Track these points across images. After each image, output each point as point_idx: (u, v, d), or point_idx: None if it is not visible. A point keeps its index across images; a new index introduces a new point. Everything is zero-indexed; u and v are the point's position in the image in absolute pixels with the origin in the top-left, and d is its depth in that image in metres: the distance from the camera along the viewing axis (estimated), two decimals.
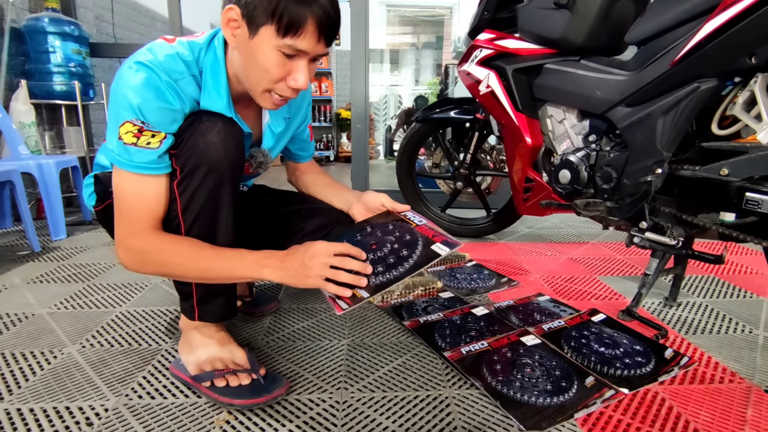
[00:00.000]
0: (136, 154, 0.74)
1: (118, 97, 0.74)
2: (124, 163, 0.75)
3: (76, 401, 0.83)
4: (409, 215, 0.89)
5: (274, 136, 0.95)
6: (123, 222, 0.78)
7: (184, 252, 0.78)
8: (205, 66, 0.80)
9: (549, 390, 0.84)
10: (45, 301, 1.26)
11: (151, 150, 0.75)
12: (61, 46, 2.18)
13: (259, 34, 0.71)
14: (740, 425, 0.77)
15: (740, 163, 0.92)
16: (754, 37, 0.87)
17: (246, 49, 0.74)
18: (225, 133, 0.78)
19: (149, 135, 0.74)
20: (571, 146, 1.30)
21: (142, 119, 0.73)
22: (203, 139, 0.76)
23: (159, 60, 0.75)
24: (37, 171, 1.83)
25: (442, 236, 0.82)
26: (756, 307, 1.25)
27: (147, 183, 0.77)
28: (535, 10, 1.32)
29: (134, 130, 0.73)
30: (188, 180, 0.78)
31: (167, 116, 0.76)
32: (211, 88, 0.80)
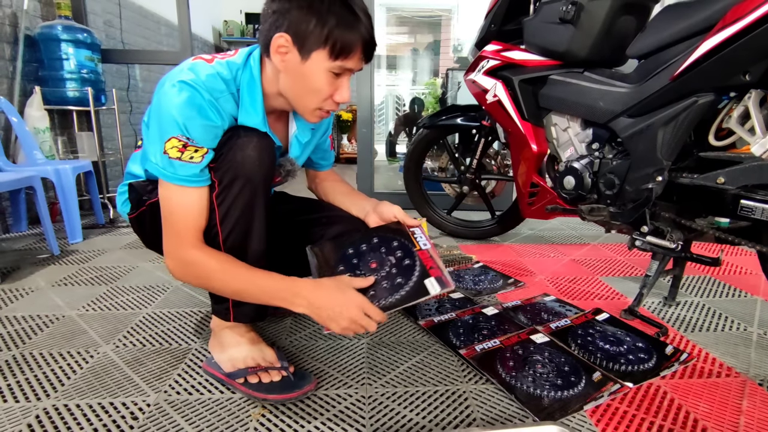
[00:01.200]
0: (180, 167, 0.80)
1: (162, 113, 0.80)
2: (170, 176, 0.81)
3: (118, 397, 0.88)
4: (416, 233, 0.91)
5: (300, 145, 1.01)
6: (171, 234, 0.84)
7: (223, 273, 0.83)
8: (242, 83, 0.86)
9: (559, 384, 0.91)
10: (72, 303, 1.32)
11: (194, 164, 0.81)
12: (74, 53, 2.23)
13: (311, 58, 0.80)
14: (736, 415, 0.84)
15: (735, 172, 0.99)
16: (748, 56, 0.93)
17: (297, 72, 0.82)
18: (260, 147, 0.85)
19: (192, 150, 0.80)
20: (575, 154, 1.37)
21: (187, 135, 0.79)
22: (241, 154, 0.83)
23: (201, 79, 0.80)
24: (54, 176, 1.88)
25: (438, 270, 0.83)
26: (750, 306, 1.32)
27: (191, 195, 0.83)
28: (541, 24, 1.38)
29: (179, 146, 0.79)
30: (226, 192, 0.84)
31: (209, 133, 0.82)
32: (248, 104, 0.86)
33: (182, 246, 0.83)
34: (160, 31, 3.77)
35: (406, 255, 0.88)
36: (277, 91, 0.87)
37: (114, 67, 2.90)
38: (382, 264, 0.87)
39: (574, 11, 1.28)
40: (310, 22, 0.77)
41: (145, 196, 0.98)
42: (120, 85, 2.92)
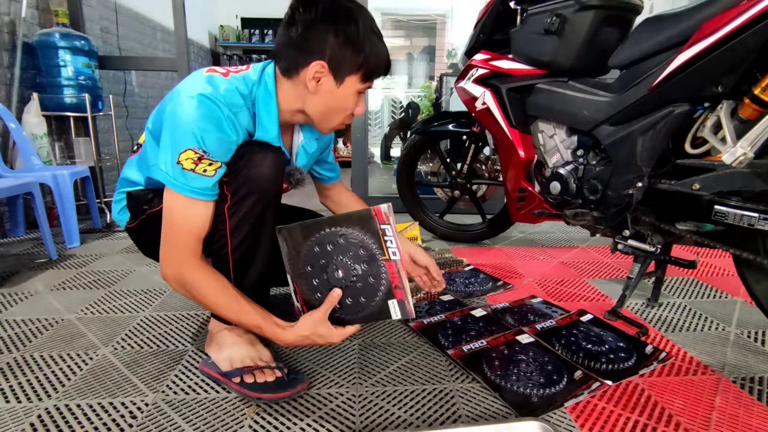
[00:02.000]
0: (193, 179, 0.83)
1: (179, 124, 0.81)
2: (180, 186, 0.83)
3: (117, 397, 0.92)
4: (388, 233, 0.83)
5: (307, 155, 1.07)
6: (170, 243, 0.86)
7: (214, 297, 0.87)
8: (257, 99, 0.90)
9: (542, 382, 0.95)
10: (71, 307, 1.35)
11: (207, 177, 0.84)
12: (71, 60, 2.26)
13: (345, 82, 0.88)
14: (709, 411, 0.88)
15: (709, 179, 1.03)
16: (720, 69, 0.98)
17: (330, 95, 0.89)
18: (274, 164, 0.89)
19: (207, 163, 0.83)
20: (560, 160, 1.42)
21: (203, 149, 0.82)
22: (256, 170, 0.86)
23: (221, 94, 0.83)
24: (52, 182, 1.90)
25: (402, 292, 0.82)
26: (730, 307, 1.37)
27: (197, 207, 0.85)
28: (527, 34, 1.43)
29: (194, 158, 0.82)
30: (239, 205, 0.87)
31: (224, 147, 0.85)
32: (265, 119, 0.91)
33: (180, 258, 0.86)
34: (156, 36, 3.81)
35: (372, 268, 0.83)
36: (295, 108, 0.93)
37: (110, 73, 2.93)
38: (348, 274, 0.85)
39: (558, 23, 1.33)
40: (346, 51, 0.85)
41: (145, 206, 1.01)
42: (116, 91, 2.96)
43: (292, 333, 0.86)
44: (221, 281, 0.88)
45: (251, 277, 0.95)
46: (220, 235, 0.89)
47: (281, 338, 0.87)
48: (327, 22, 0.84)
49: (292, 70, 0.88)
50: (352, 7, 0.86)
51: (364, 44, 0.85)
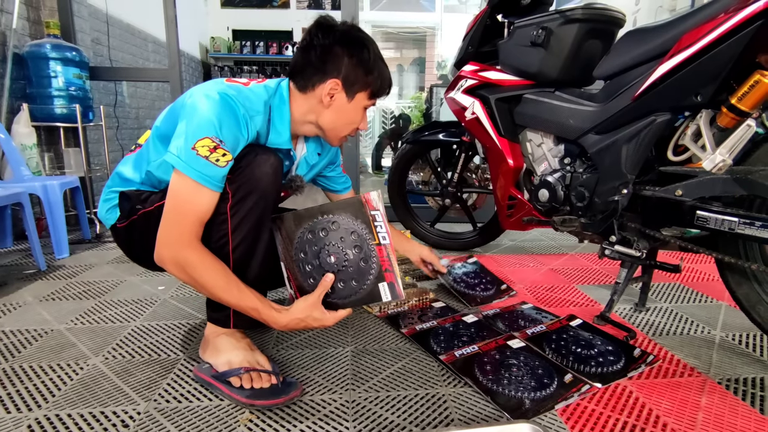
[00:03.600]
0: (206, 167, 0.86)
1: (199, 115, 0.86)
2: (192, 170, 0.85)
3: (108, 407, 0.91)
4: (377, 218, 0.89)
5: (308, 166, 1.16)
6: (173, 224, 0.88)
7: (215, 279, 0.89)
8: (273, 106, 0.98)
9: (533, 386, 0.96)
10: (60, 318, 1.33)
11: (219, 167, 0.87)
12: (62, 71, 2.26)
13: (355, 98, 1.00)
14: (695, 411, 0.90)
15: (691, 185, 1.07)
16: (698, 79, 1.02)
17: (342, 109, 1.00)
18: (276, 166, 0.94)
19: (221, 153, 0.87)
20: (548, 168, 1.45)
21: (220, 138, 0.87)
22: (258, 170, 0.91)
23: (242, 97, 0.92)
24: (42, 192, 1.89)
25: (392, 275, 0.87)
26: (715, 311, 1.40)
27: (204, 195, 0.88)
28: (514, 46, 1.47)
29: (211, 146, 0.86)
30: (240, 204, 0.91)
31: (237, 141, 0.90)
32: (279, 124, 1.00)
33: (182, 240, 0.87)
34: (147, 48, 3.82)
35: (364, 251, 0.89)
36: (307, 119, 1.02)
37: (101, 84, 2.93)
38: (340, 259, 0.90)
39: (544, 35, 1.37)
40: (358, 72, 0.97)
41: (138, 205, 1.01)
42: (107, 102, 2.95)
43: (288, 315, 0.91)
44: (221, 264, 0.90)
45: (251, 276, 0.96)
46: (222, 234, 0.91)
47: (277, 320, 0.91)
48: (343, 46, 0.96)
49: (308, 86, 0.99)
50: (363, 36, 0.99)
51: (374, 67, 0.99)
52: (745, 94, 0.92)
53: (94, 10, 2.92)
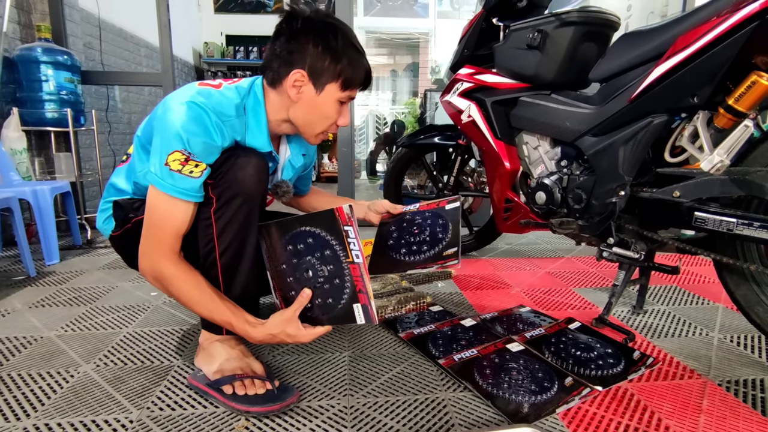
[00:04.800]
0: (180, 180, 0.86)
1: (168, 128, 0.85)
2: (167, 186, 0.85)
3: (100, 415, 0.89)
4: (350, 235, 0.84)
5: (293, 169, 1.11)
6: (150, 238, 0.89)
7: (187, 292, 0.89)
8: (247, 107, 0.94)
9: (533, 390, 0.95)
10: (50, 324, 1.30)
11: (193, 179, 0.86)
12: (53, 74, 2.24)
13: (325, 90, 0.92)
14: (697, 413, 0.89)
15: (689, 186, 1.07)
16: (695, 81, 1.02)
17: (311, 103, 0.93)
18: (259, 168, 0.91)
19: (193, 164, 0.86)
20: (545, 170, 1.44)
21: (189, 150, 0.85)
22: (241, 173, 0.88)
23: (212, 104, 0.87)
24: (32, 197, 1.86)
25: (365, 296, 0.83)
26: (712, 313, 1.40)
27: (180, 206, 0.88)
28: (510, 49, 1.47)
29: (181, 159, 0.85)
30: (224, 208, 0.89)
31: (209, 150, 0.88)
32: (254, 126, 0.95)
33: (158, 254, 0.88)
34: (140, 52, 3.79)
35: (337, 270, 0.86)
36: (280, 118, 0.97)
37: (93, 88, 2.91)
38: (315, 275, 0.89)
39: (540, 38, 1.37)
40: (325, 61, 0.90)
41: (131, 214, 1.01)
42: (99, 106, 2.92)
43: (262, 330, 0.88)
44: (196, 278, 0.90)
45: (240, 281, 0.95)
46: (208, 240, 0.90)
47: (251, 335, 0.89)
48: (308, 33, 0.89)
49: (277, 80, 0.93)
50: (332, 21, 0.92)
51: (342, 54, 0.90)
52: (742, 95, 0.92)
53: (86, 15, 2.89)
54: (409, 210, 1.17)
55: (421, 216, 1.17)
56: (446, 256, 1.16)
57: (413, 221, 1.17)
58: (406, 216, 1.17)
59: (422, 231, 1.16)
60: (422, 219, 1.17)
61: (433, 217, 1.16)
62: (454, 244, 1.15)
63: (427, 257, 1.16)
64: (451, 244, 1.15)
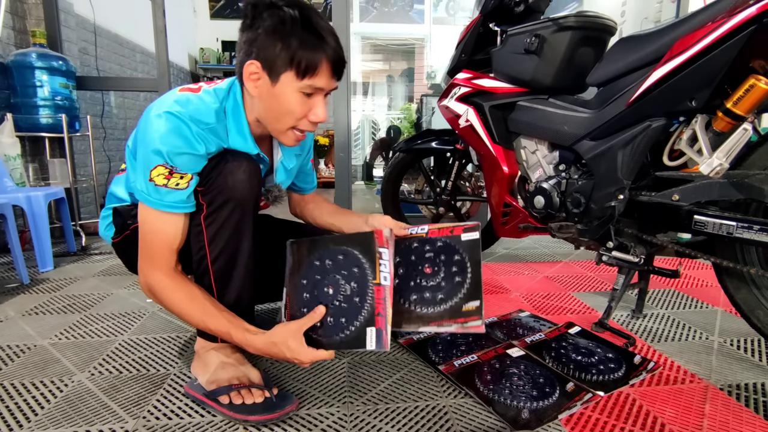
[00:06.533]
0: (167, 194, 0.84)
1: (147, 142, 0.83)
2: (154, 202, 0.84)
3: (95, 425, 0.87)
4: (384, 257, 0.84)
5: (286, 171, 1.06)
6: (145, 255, 0.89)
7: (180, 303, 0.88)
8: (227, 109, 0.90)
9: (535, 395, 0.94)
10: (44, 333, 1.28)
11: (180, 191, 0.84)
12: (48, 80, 2.22)
13: (280, 80, 0.83)
14: (700, 418, 0.88)
15: (688, 190, 1.07)
16: (693, 85, 1.02)
17: (269, 96, 0.86)
18: (250, 171, 0.89)
19: (178, 177, 0.84)
20: (543, 175, 1.44)
21: (171, 164, 0.83)
22: (231, 178, 0.86)
23: (189, 113, 0.84)
24: (26, 203, 1.84)
25: (383, 320, 0.81)
26: (711, 316, 1.39)
27: (170, 220, 0.87)
28: (508, 54, 1.47)
29: (165, 173, 0.83)
30: (215, 214, 0.87)
31: (192, 160, 0.85)
32: (235, 130, 0.91)
33: (153, 269, 0.87)
34: (135, 58, 3.78)
35: (361, 288, 0.85)
36: (253, 118, 0.92)
37: (88, 94, 2.89)
38: (336, 292, 0.87)
39: (537, 43, 1.37)
40: (276, 47, 0.81)
41: (129, 220, 1.00)
42: (94, 112, 2.91)
43: (263, 338, 0.85)
44: (190, 289, 0.88)
45: (234, 288, 0.93)
46: (199, 247, 0.88)
47: (251, 343, 0.85)
48: (259, 19, 0.82)
49: (240, 76, 0.88)
50: (285, 3, 0.82)
51: (293, 38, 0.80)
52: (740, 99, 0.92)
53: (81, 20, 2.88)
54: (415, 234, 0.99)
55: (431, 246, 0.96)
56: (467, 312, 0.91)
57: (422, 253, 0.96)
58: (412, 244, 0.99)
59: (435, 271, 0.94)
60: (433, 251, 0.96)
61: (446, 250, 0.95)
62: (475, 296, 0.91)
63: (443, 311, 0.92)
64: (472, 294, 0.91)
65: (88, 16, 2.93)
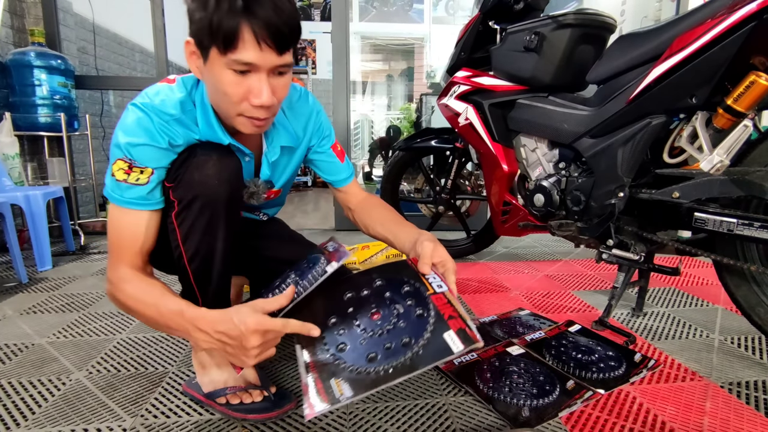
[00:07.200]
0: (127, 190, 0.80)
1: (113, 136, 0.81)
2: (116, 198, 0.81)
3: (92, 423, 0.86)
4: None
5: (269, 165, 0.95)
6: (111, 254, 0.83)
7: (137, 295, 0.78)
8: (197, 100, 0.84)
9: (535, 393, 0.93)
10: (42, 331, 1.28)
11: (140, 186, 0.80)
12: (47, 79, 2.22)
13: (210, 58, 0.72)
14: (700, 416, 0.88)
15: (688, 187, 1.06)
16: (693, 81, 1.02)
17: (207, 78, 0.77)
18: (220, 166, 0.82)
19: (138, 171, 0.79)
20: (543, 173, 1.44)
21: (130, 157, 0.79)
22: (198, 173, 0.80)
23: (153, 103, 0.80)
24: (24, 202, 1.83)
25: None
26: (711, 314, 1.39)
27: (134, 217, 0.82)
28: (507, 52, 1.47)
29: (125, 167, 0.79)
30: (185, 212, 0.82)
31: (154, 153, 0.80)
32: (203, 120, 0.84)
33: (118, 265, 0.81)
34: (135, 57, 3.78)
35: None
36: None
37: (87, 93, 2.89)
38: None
39: (537, 40, 1.37)
40: (200, 19, 0.69)
41: None
42: (93, 111, 2.91)
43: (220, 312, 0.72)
44: (151, 282, 0.80)
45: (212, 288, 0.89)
46: (175, 245, 0.85)
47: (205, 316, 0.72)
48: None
49: None
50: None
51: (208, 4, 0.68)
52: (740, 95, 0.92)
53: (80, 19, 2.88)
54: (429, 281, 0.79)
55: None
56: None
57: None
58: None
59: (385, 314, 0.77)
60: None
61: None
62: None
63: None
64: None
65: (87, 15, 2.93)
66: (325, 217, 3.31)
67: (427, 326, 0.69)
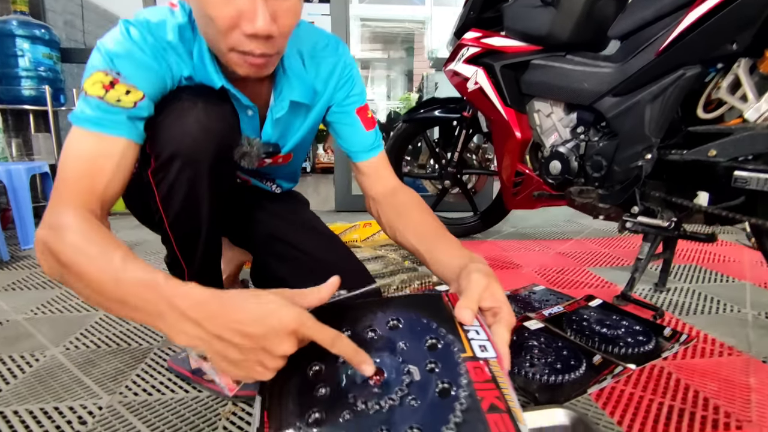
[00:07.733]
0: (101, 110, 0.60)
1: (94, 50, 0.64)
2: (83, 118, 0.60)
3: (64, 401, 0.77)
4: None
5: (272, 123, 0.79)
6: (54, 191, 0.59)
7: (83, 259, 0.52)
8: (195, 28, 0.68)
9: (559, 368, 0.84)
10: (19, 308, 1.18)
11: (120, 108, 0.60)
12: (30, 49, 2.10)
13: None
14: (746, 392, 0.79)
15: (727, 144, 0.96)
16: (734, 25, 0.92)
17: (192, 3, 0.62)
18: (206, 117, 0.67)
19: (123, 90, 0.60)
20: (559, 139, 1.34)
21: (116, 70, 0.61)
22: (179, 125, 0.66)
23: (152, 22, 0.66)
24: (6, 177, 1.73)
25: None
26: (740, 290, 1.30)
27: (105, 144, 0.60)
28: (521, 8, 1.36)
29: (105, 81, 0.60)
30: (164, 171, 0.69)
31: (146, 73, 0.64)
32: (196, 52, 0.69)
33: (56, 209, 0.57)
34: None
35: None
36: None
37: (75, 68, 2.77)
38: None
39: None
40: None
41: None
42: None
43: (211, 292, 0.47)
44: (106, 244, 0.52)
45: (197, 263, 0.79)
46: (155, 208, 0.73)
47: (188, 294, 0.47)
48: None
49: None
50: None
51: None
52: None
53: None
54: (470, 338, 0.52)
55: None
56: None
57: None
58: None
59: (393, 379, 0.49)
60: None
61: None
62: None
63: None
64: None
65: None
66: (326, 200, 3.21)
67: (451, 415, 0.43)
